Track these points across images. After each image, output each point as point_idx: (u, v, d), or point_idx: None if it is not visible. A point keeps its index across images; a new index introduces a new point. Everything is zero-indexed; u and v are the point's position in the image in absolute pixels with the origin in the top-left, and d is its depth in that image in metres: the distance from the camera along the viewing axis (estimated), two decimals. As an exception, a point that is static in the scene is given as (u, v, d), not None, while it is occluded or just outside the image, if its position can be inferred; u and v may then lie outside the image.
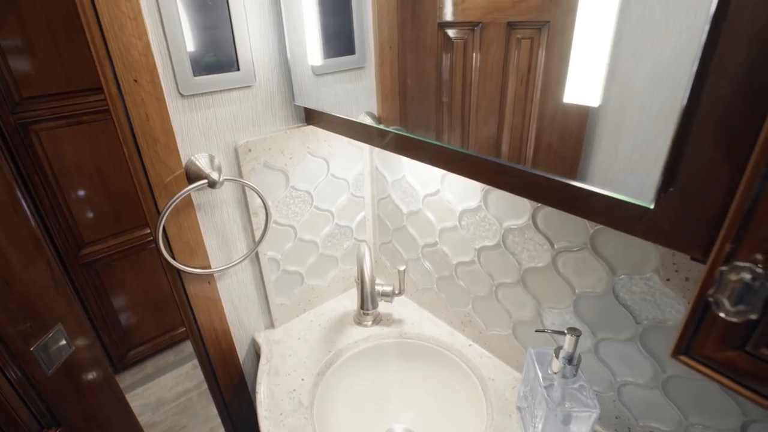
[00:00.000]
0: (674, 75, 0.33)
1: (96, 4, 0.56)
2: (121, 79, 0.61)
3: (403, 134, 0.61)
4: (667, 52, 0.33)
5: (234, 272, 0.87)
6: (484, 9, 0.46)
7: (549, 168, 0.44)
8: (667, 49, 0.33)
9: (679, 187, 0.37)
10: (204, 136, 0.73)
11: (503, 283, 0.79)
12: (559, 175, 0.43)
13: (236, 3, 0.69)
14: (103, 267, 1.78)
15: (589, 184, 0.41)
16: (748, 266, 0.29)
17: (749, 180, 0.29)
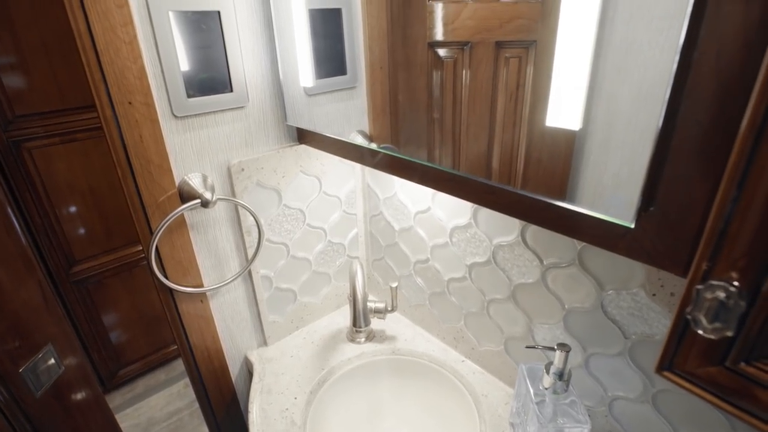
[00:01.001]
0: (658, 93, 0.34)
1: (92, 31, 0.57)
2: (115, 102, 0.62)
3: (393, 154, 0.62)
4: (651, 70, 0.34)
5: (227, 290, 0.88)
6: (472, 29, 0.47)
7: (539, 183, 0.45)
8: (650, 67, 0.34)
9: (659, 207, 0.39)
10: (197, 156, 0.74)
11: (494, 299, 0.80)
12: (549, 191, 0.44)
13: (229, 27, 0.71)
14: (95, 284, 1.76)
15: (577, 202, 0.42)
16: (723, 285, 0.30)
17: (721, 202, 0.30)
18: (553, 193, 0.44)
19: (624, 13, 0.34)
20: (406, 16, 0.54)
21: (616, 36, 0.35)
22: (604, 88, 0.37)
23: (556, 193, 0.44)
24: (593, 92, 0.38)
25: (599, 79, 0.37)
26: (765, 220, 0.28)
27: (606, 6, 0.35)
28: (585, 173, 0.41)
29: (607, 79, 0.37)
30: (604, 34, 0.36)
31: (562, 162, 0.42)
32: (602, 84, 0.37)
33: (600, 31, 0.36)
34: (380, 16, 0.59)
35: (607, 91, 0.37)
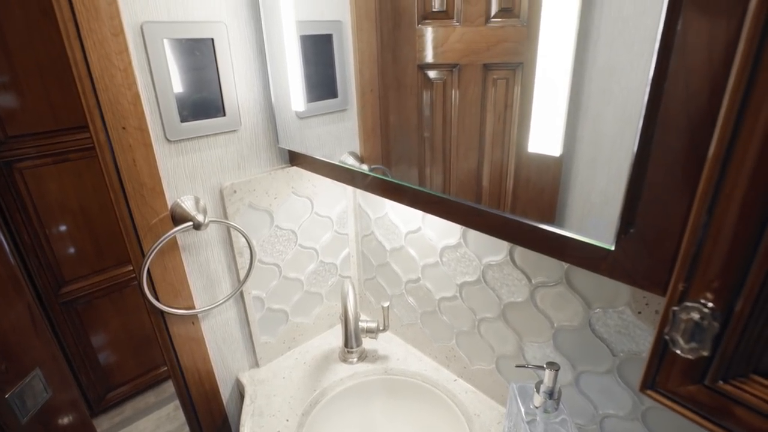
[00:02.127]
0: (641, 113, 0.36)
1: (88, 59, 0.59)
2: (109, 127, 0.63)
3: (383, 178, 0.64)
4: (634, 91, 0.35)
5: (218, 312, 0.87)
6: (460, 52, 0.49)
7: (528, 202, 0.46)
8: (633, 90, 0.35)
9: (638, 229, 0.40)
10: (190, 179, 0.75)
11: (485, 318, 0.80)
12: (536, 211, 0.45)
13: (222, 53, 0.72)
14: (84, 305, 1.74)
15: (563, 224, 0.43)
16: (697, 306, 0.31)
17: (693, 226, 0.32)
18: (540, 214, 0.45)
19: (606, 37, 0.35)
20: (396, 39, 0.56)
21: (600, 59, 0.36)
22: (590, 109, 0.38)
23: (543, 213, 0.45)
24: (578, 114, 0.39)
25: (584, 101, 0.38)
26: (735, 244, 0.30)
27: (588, 30, 0.36)
28: (571, 195, 0.42)
29: (593, 101, 0.38)
30: (588, 57, 0.37)
31: (550, 182, 0.44)
32: (588, 105, 0.38)
33: (583, 54, 0.37)
34: (370, 41, 0.61)
35: (593, 113, 0.38)
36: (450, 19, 0.49)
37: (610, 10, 0.35)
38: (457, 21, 0.49)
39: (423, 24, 0.52)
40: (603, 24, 0.35)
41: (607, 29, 0.35)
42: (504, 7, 0.44)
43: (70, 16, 0.57)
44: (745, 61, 0.26)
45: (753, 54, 0.26)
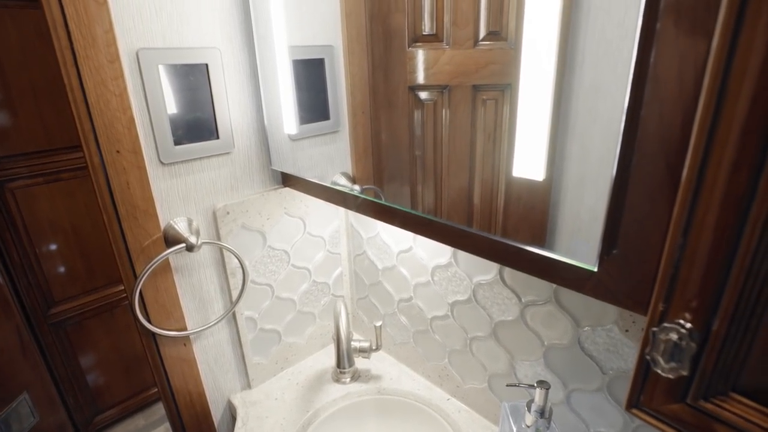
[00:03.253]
0: (618, 139, 0.37)
1: (84, 85, 0.60)
2: (104, 151, 0.64)
3: (374, 200, 0.65)
4: (618, 110, 0.36)
5: (210, 333, 0.87)
6: (450, 73, 0.51)
7: (519, 220, 0.47)
8: (618, 108, 0.36)
9: (620, 250, 0.41)
10: (183, 201, 0.76)
11: (477, 337, 0.81)
12: (526, 231, 0.46)
13: (216, 78, 0.74)
14: (73, 326, 1.71)
15: (549, 245, 0.44)
16: (675, 327, 0.32)
17: (670, 248, 0.33)
18: (529, 234, 0.46)
19: (591, 58, 0.37)
20: (387, 62, 0.58)
21: (586, 78, 0.38)
22: (577, 127, 0.40)
23: (532, 233, 0.46)
24: (566, 133, 0.40)
25: (572, 119, 0.40)
26: (710, 266, 0.31)
27: (575, 51, 0.38)
28: (559, 215, 0.44)
29: (580, 119, 0.39)
30: (574, 76, 0.38)
31: (538, 202, 0.45)
32: (575, 124, 0.40)
33: (570, 73, 0.39)
34: (361, 64, 0.62)
35: (580, 131, 0.39)
36: (440, 42, 0.51)
37: (594, 32, 0.36)
38: (446, 44, 0.50)
39: (413, 47, 0.54)
40: (588, 45, 0.37)
41: (592, 50, 0.37)
42: (492, 31, 0.46)
43: (68, 44, 0.58)
44: (711, 95, 0.28)
45: (717, 88, 0.28)
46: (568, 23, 0.38)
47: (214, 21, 0.72)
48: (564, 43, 0.38)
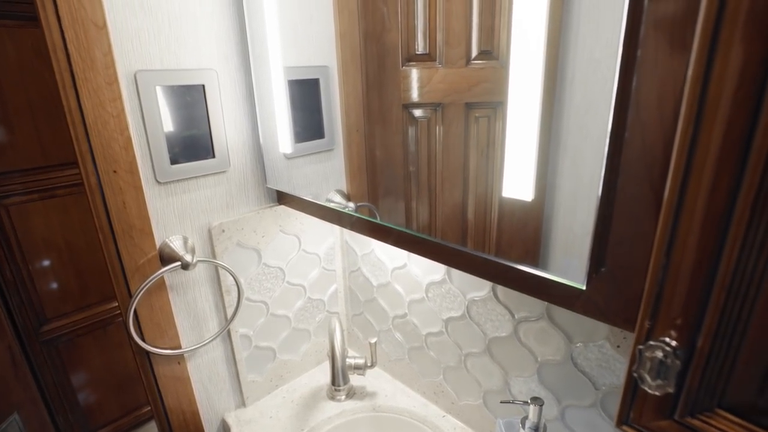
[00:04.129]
0: (602, 162, 0.38)
1: (82, 106, 0.61)
2: (101, 171, 0.64)
3: (368, 219, 0.66)
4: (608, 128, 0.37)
5: (205, 351, 0.87)
6: (443, 92, 0.52)
7: (513, 236, 0.48)
8: (607, 126, 0.38)
9: (608, 268, 0.42)
10: (179, 220, 0.76)
11: (471, 353, 0.81)
12: (520, 248, 0.47)
13: (213, 98, 0.75)
14: (65, 343, 1.69)
15: (544, 260, 0.45)
16: (660, 345, 0.33)
17: (654, 268, 0.34)
18: (521, 251, 0.47)
19: (581, 76, 0.38)
20: (381, 81, 0.59)
21: (576, 97, 0.39)
22: (569, 144, 0.40)
23: (525, 250, 0.47)
24: (558, 149, 0.41)
25: (563, 136, 0.41)
26: (692, 285, 0.32)
27: (564, 70, 0.39)
28: (552, 233, 0.44)
29: (571, 137, 0.40)
30: (565, 94, 0.40)
31: (530, 218, 0.45)
32: (566, 141, 0.41)
33: (561, 91, 0.40)
34: (356, 84, 0.64)
35: (572, 148, 0.40)
36: (433, 61, 0.52)
37: (584, 52, 0.38)
38: (439, 63, 0.52)
39: (407, 66, 0.55)
40: (577, 64, 0.38)
41: (582, 69, 0.38)
42: (484, 50, 0.47)
43: (67, 66, 0.59)
44: (688, 121, 0.29)
45: (694, 114, 0.29)
46: (557, 43, 0.39)
47: (211, 43, 0.74)
48: (553, 63, 0.40)
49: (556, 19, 0.39)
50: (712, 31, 0.27)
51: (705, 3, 0.27)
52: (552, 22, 0.39)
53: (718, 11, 0.26)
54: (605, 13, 0.36)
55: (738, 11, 0.26)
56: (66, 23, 0.58)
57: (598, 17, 0.36)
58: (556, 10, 0.38)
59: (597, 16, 0.36)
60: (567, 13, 0.38)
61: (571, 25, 0.38)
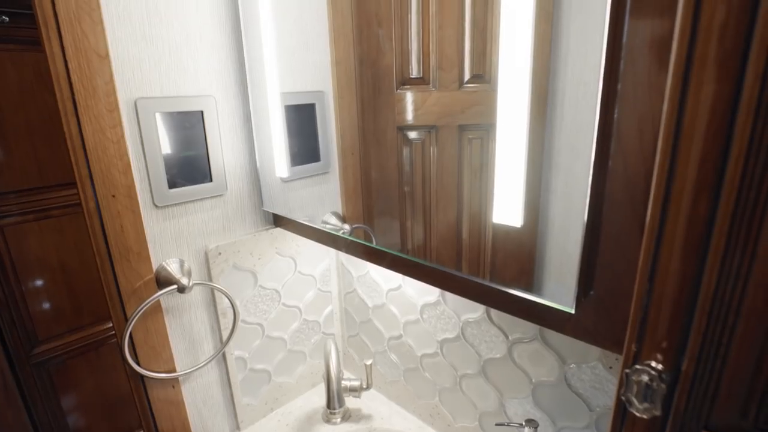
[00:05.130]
0: (587, 191, 0.40)
1: (83, 133, 0.62)
2: (99, 196, 0.65)
3: (363, 243, 0.67)
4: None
5: (199, 374, 0.86)
6: (437, 114, 0.53)
7: (505, 259, 0.49)
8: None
9: (596, 293, 0.43)
10: (176, 242, 0.77)
11: (466, 374, 0.81)
12: (514, 268, 0.48)
13: (211, 123, 0.77)
14: (57, 366, 1.67)
15: (535, 284, 0.46)
16: (646, 369, 0.34)
17: (638, 293, 0.35)
18: (513, 276, 0.48)
19: (571, 98, 0.40)
20: (376, 104, 0.60)
21: (567, 116, 0.40)
22: (561, 164, 0.42)
23: (516, 275, 0.48)
24: (551, 169, 0.42)
25: (555, 156, 0.42)
26: (676, 309, 0.33)
27: (555, 91, 0.40)
28: (540, 259, 0.46)
29: (563, 156, 0.41)
30: (556, 114, 0.41)
31: (523, 242, 0.46)
32: (558, 160, 0.42)
33: (552, 112, 0.41)
34: (351, 108, 0.65)
35: (564, 167, 0.41)
36: (426, 85, 0.54)
37: (573, 75, 0.39)
38: (433, 86, 0.53)
39: (402, 89, 0.57)
40: (567, 87, 0.40)
41: (572, 91, 0.39)
42: (476, 74, 0.49)
43: (69, 94, 0.61)
44: (665, 153, 0.31)
45: (670, 148, 0.31)
46: (547, 66, 0.41)
47: (211, 70, 0.76)
48: (544, 86, 0.41)
49: (544, 43, 0.40)
50: (684, 71, 0.29)
51: (676, 46, 0.29)
52: (540, 47, 0.41)
53: (688, 53, 0.28)
54: (592, 38, 0.37)
55: (706, 54, 0.28)
56: (70, 53, 0.60)
57: (585, 43, 0.38)
58: (545, 34, 0.40)
59: (584, 41, 0.38)
60: (556, 38, 0.40)
61: (560, 49, 0.40)
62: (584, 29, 0.38)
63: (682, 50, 0.29)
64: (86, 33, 0.61)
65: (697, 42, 0.28)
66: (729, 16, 0.26)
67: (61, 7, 0.58)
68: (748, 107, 0.27)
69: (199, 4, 0.72)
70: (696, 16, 0.27)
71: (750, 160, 0.27)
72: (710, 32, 0.27)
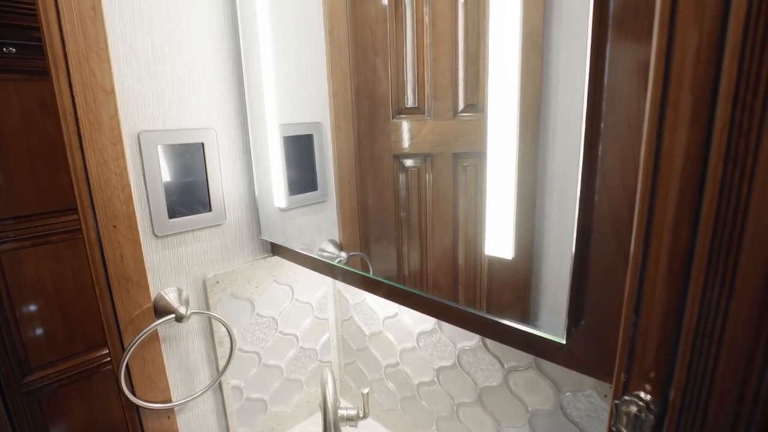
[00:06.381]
0: (574, 225, 0.41)
1: (87, 165, 0.64)
2: (101, 226, 0.66)
3: (360, 273, 0.68)
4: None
5: (195, 404, 0.86)
6: (432, 143, 0.55)
7: (504, 283, 0.49)
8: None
9: (587, 323, 0.45)
10: (174, 272, 0.78)
11: (463, 403, 0.81)
12: (509, 296, 0.49)
13: (211, 155, 0.79)
14: (48, 395, 1.64)
15: (530, 313, 0.47)
16: (634, 400, 0.35)
17: (625, 324, 0.36)
18: (508, 305, 0.49)
19: (562, 127, 0.41)
20: (373, 133, 0.62)
21: (558, 145, 0.42)
22: (555, 191, 0.43)
23: (511, 304, 0.49)
24: (544, 196, 0.44)
25: (548, 182, 0.43)
26: (661, 340, 0.34)
27: (547, 120, 0.42)
28: (533, 289, 0.47)
29: (557, 183, 0.43)
30: (548, 142, 0.42)
31: (517, 272, 0.47)
32: (552, 187, 0.43)
33: (545, 139, 0.43)
34: (348, 138, 0.67)
35: (558, 194, 0.43)
36: (422, 114, 0.56)
37: (564, 104, 0.41)
38: (428, 116, 0.55)
39: (397, 119, 0.59)
40: (558, 115, 0.41)
41: (563, 119, 0.41)
42: (470, 103, 0.51)
43: (75, 129, 0.63)
44: (645, 191, 0.33)
45: (649, 187, 0.33)
46: (538, 95, 0.42)
47: (212, 104, 0.78)
48: (535, 114, 0.43)
49: (535, 72, 0.42)
50: (659, 116, 0.31)
51: (651, 92, 0.31)
52: (530, 76, 0.42)
53: (661, 100, 0.30)
54: (579, 70, 0.39)
55: (678, 101, 0.30)
56: (77, 90, 0.62)
57: (574, 73, 0.39)
58: (535, 65, 0.42)
59: (573, 72, 0.40)
60: (546, 68, 0.41)
61: (550, 79, 0.41)
62: (572, 61, 0.39)
63: (656, 97, 0.31)
64: (93, 70, 0.63)
65: (670, 90, 0.30)
66: (697, 68, 0.28)
67: (70, 47, 0.60)
68: (718, 150, 0.29)
69: (202, 42, 0.75)
70: (667, 67, 0.30)
71: (723, 200, 0.29)
72: (681, 82, 0.29)
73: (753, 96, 0.26)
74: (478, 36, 0.47)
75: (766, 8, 0.25)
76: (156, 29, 0.70)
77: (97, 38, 0.63)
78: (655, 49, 0.30)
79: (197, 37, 0.75)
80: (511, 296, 0.49)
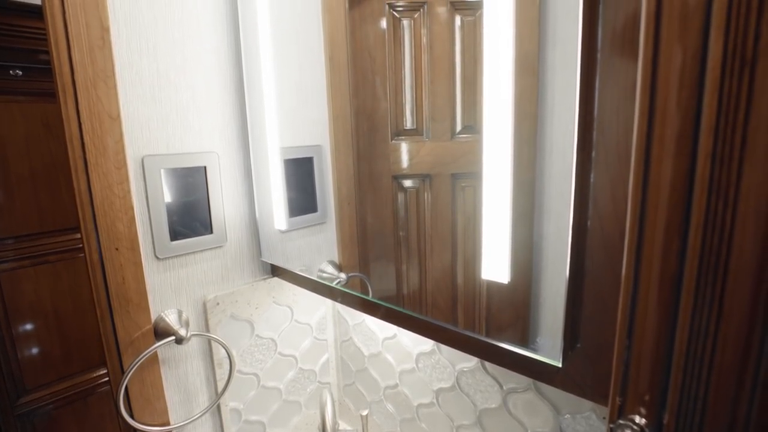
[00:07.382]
0: (567, 251, 0.42)
1: (92, 188, 0.65)
2: (103, 248, 0.67)
3: (359, 295, 0.69)
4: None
5: (193, 427, 0.85)
6: (430, 164, 0.56)
7: (501, 306, 0.50)
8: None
9: (583, 346, 0.45)
10: (175, 293, 0.78)
11: (462, 425, 0.81)
12: (508, 318, 0.49)
13: (213, 178, 0.80)
14: (42, 417, 1.62)
15: (528, 337, 0.47)
16: (629, 424, 0.36)
17: (618, 348, 0.37)
18: (506, 328, 0.49)
19: (558, 147, 0.42)
20: (372, 155, 0.64)
21: (555, 165, 0.43)
22: (552, 210, 0.43)
23: (509, 327, 0.49)
24: (542, 215, 0.44)
25: (546, 201, 0.44)
26: (654, 364, 0.35)
27: (543, 141, 0.43)
28: (538, 309, 0.47)
29: (554, 202, 0.43)
30: (545, 162, 0.43)
31: (516, 295, 0.48)
32: (549, 206, 0.44)
33: (542, 159, 0.44)
34: (347, 160, 0.69)
35: (555, 212, 0.43)
36: (420, 136, 0.57)
37: (560, 125, 0.42)
38: (426, 137, 0.57)
39: (396, 140, 0.60)
40: (555, 135, 0.42)
41: (559, 140, 0.42)
42: (467, 125, 0.52)
43: (81, 154, 0.64)
44: (633, 220, 0.34)
45: (638, 216, 0.34)
46: (534, 116, 0.43)
47: (214, 128, 0.80)
48: (532, 134, 0.44)
49: (531, 94, 0.43)
50: (645, 147, 0.33)
51: (637, 127, 0.32)
52: (526, 98, 0.44)
53: (647, 134, 0.32)
54: (575, 93, 0.40)
55: (663, 135, 0.31)
56: (84, 116, 0.64)
57: (569, 96, 0.41)
58: (531, 87, 0.43)
59: (568, 95, 0.41)
60: (542, 90, 0.43)
61: (546, 101, 0.42)
62: (567, 84, 0.41)
63: (643, 128, 0.32)
64: (100, 97, 0.65)
65: (655, 123, 0.31)
66: (680, 102, 0.30)
67: (79, 75, 0.62)
68: (702, 181, 0.30)
69: (206, 68, 0.78)
70: (652, 100, 0.31)
71: (708, 228, 0.30)
72: (665, 115, 0.31)
73: (732, 131, 0.28)
74: (475, 59, 0.49)
75: (740, 49, 0.27)
76: (162, 56, 0.73)
77: (105, 66, 0.65)
78: (640, 83, 0.32)
79: (201, 64, 0.77)
80: (508, 318, 0.50)
